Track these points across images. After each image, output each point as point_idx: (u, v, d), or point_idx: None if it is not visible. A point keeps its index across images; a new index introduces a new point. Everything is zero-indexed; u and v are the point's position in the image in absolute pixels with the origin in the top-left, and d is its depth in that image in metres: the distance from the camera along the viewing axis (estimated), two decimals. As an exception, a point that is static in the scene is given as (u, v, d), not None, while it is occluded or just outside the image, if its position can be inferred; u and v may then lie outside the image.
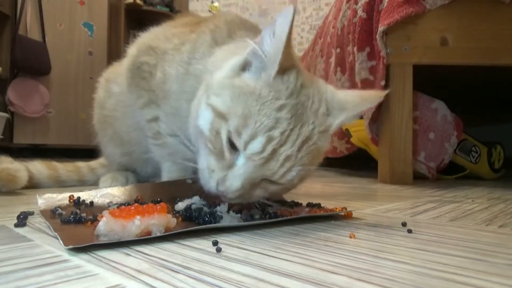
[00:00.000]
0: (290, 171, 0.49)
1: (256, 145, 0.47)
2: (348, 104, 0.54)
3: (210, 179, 0.51)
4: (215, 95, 0.51)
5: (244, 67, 0.52)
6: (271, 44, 0.49)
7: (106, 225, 0.41)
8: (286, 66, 0.50)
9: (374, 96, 0.56)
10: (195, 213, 0.51)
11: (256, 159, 0.47)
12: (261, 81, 0.50)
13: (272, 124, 0.47)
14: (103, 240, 0.40)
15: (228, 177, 0.48)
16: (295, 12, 0.48)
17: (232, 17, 0.74)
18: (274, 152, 0.47)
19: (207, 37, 0.70)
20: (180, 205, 0.55)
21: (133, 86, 0.80)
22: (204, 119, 0.52)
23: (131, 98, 0.82)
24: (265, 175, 0.49)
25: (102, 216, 0.42)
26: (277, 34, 0.48)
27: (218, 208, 0.51)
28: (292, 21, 0.47)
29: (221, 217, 0.49)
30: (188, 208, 0.53)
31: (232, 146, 0.49)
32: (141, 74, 0.78)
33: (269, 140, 0.47)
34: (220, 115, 0.49)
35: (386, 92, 0.57)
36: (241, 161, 0.48)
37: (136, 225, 0.41)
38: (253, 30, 0.72)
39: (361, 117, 1.31)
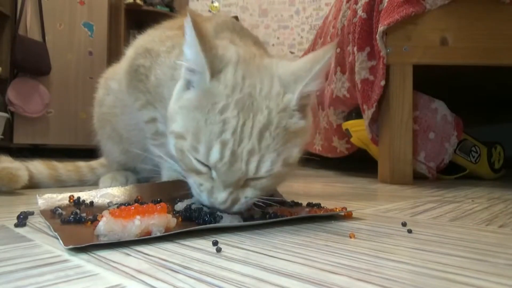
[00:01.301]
0: (263, 163, 0.48)
1: (214, 154, 0.47)
2: (301, 71, 0.52)
3: (201, 193, 0.51)
4: (172, 121, 0.53)
5: (188, 86, 0.53)
6: (192, 54, 0.51)
7: (106, 225, 0.41)
8: (219, 67, 0.51)
9: (324, 51, 0.51)
10: (195, 213, 0.51)
11: (220, 166, 0.47)
12: (200, 91, 0.51)
13: (220, 128, 0.47)
14: (103, 240, 0.40)
15: (213, 189, 0.49)
16: (193, 16, 0.49)
17: (224, 19, 0.75)
18: (233, 153, 0.47)
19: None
20: (180, 205, 0.55)
21: (131, 88, 0.81)
22: (171, 144, 0.54)
23: (130, 99, 0.83)
24: (238, 176, 0.48)
25: (102, 216, 0.42)
26: (190, 42, 0.50)
27: None
28: (195, 25, 0.48)
29: (221, 217, 0.49)
30: (188, 208, 0.53)
31: (201, 162, 0.50)
32: (138, 76, 0.78)
33: (224, 144, 0.47)
34: (180, 136, 0.51)
35: (334, 43, 0.54)
36: (214, 173, 0.49)
37: (136, 225, 0.41)
38: (241, 33, 0.72)
39: (361, 117, 1.31)
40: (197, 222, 0.48)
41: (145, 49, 0.78)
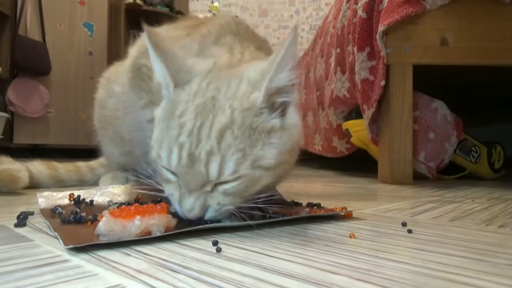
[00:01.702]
0: (224, 164, 0.45)
1: (173, 158, 0.47)
2: (266, 67, 0.49)
3: (174, 204, 0.50)
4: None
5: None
6: (157, 68, 0.52)
7: (106, 225, 0.41)
8: (184, 78, 0.51)
9: (283, 41, 0.47)
10: None
11: (180, 170, 0.47)
12: (166, 102, 0.52)
13: (177, 132, 0.47)
14: (103, 240, 0.40)
15: (181, 197, 0.48)
16: (149, 30, 0.50)
17: (227, 20, 0.74)
18: (191, 155, 0.46)
19: (194, 44, 0.70)
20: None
21: (134, 87, 0.81)
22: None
23: (133, 99, 0.83)
24: (201, 179, 0.46)
25: (102, 216, 0.42)
26: (152, 57, 0.51)
27: None
28: (150, 37, 0.50)
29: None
30: None
31: (168, 170, 0.49)
32: (140, 75, 0.78)
33: (180, 146, 0.46)
34: (152, 148, 0.52)
35: (295, 30, 0.47)
36: (179, 179, 0.48)
37: (136, 225, 0.41)
38: (245, 36, 0.71)
39: (361, 117, 1.31)
40: (193, 222, 0.48)
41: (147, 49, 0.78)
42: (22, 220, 0.50)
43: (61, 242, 0.39)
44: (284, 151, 0.50)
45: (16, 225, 0.49)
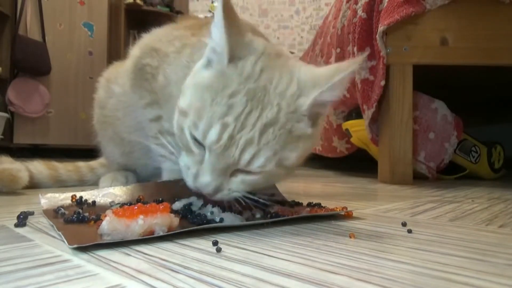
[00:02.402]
0: (257, 157, 0.47)
1: (212, 134, 0.47)
2: (322, 77, 0.50)
3: (187, 177, 0.51)
4: (182, 96, 0.53)
5: (208, 65, 0.53)
6: (217, 35, 0.50)
7: (109, 224, 0.41)
8: (240, 53, 0.50)
9: (349, 63, 0.49)
10: (188, 212, 0.51)
11: (215, 148, 0.47)
12: (215, 72, 0.50)
13: (224, 110, 0.47)
14: (106, 239, 0.40)
15: (199, 172, 0.49)
16: None
17: None
18: (231, 138, 0.46)
19: (205, 41, 0.69)
20: (178, 204, 0.55)
21: (136, 87, 0.80)
22: (174, 119, 0.54)
23: (134, 98, 0.82)
24: (229, 162, 0.47)
25: (105, 216, 0.42)
26: (217, 23, 0.49)
27: (214, 209, 0.51)
28: (224, 7, 0.47)
29: (222, 218, 0.49)
30: (185, 208, 0.53)
31: (197, 141, 0.49)
32: (144, 75, 0.78)
33: (224, 126, 0.46)
34: (183, 113, 0.51)
35: (363, 57, 0.51)
36: (207, 154, 0.48)
37: (139, 224, 0.41)
38: (251, 32, 0.71)
39: (361, 117, 1.31)
40: (193, 222, 0.48)
41: (151, 48, 0.77)
42: (22, 220, 0.50)
43: (65, 241, 0.39)
44: (303, 155, 0.53)
45: (16, 225, 0.49)
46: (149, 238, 0.42)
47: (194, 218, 0.49)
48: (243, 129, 0.47)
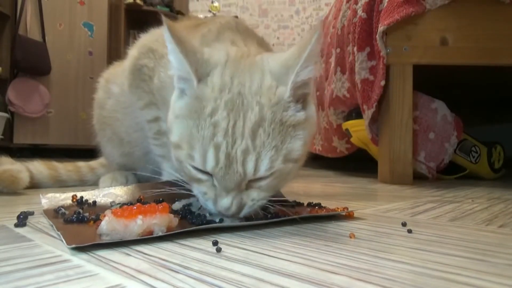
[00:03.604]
0: (260, 161, 0.46)
1: (209, 160, 0.46)
2: (290, 61, 0.49)
3: (207, 202, 0.50)
4: (170, 132, 0.53)
5: (182, 95, 0.52)
6: (176, 61, 0.50)
7: (108, 224, 0.41)
8: (205, 70, 0.50)
9: (308, 36, 0.48)
10: (188, 212, 0.51)
11: (218, 172, 0.46)
12: (189, 98, 0.50)
13: (212, 132, 0.46)
14: (105, 239, 0.40)
15: (216, 197, 0.48)
16: (168, 23, 0.47)
17: (227, 20, 0.74)
18: (228, 155, 0.46)
19: (196, 44, 0.69)
20: (178, 205, 0.55)
21: (133, 87, 0.80)
22: (172, 156, 0.54)
23: (132, 99, 0.82)
24: (238, 179, 0.47)
25: (104, 216, 0.42)
26: (172, 50, 0.49)
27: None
28: (172, 31, 0.47)
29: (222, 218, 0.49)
30: (186, 208, 0.53)
31: (200, 170, 0.49)
32: (141, 76, 0.78)
33: (217, 147, 0.46)
34: (177, 147, 0.50)
35: (318, 25, 0.49)
36: (214, 179, 0.48)
37: (138, 224, 0.41)
38: (245, 33, 0.70)
39: (361, 117, 1.31)
40: (192, 222, 0.48)
41: (148, 49, 0.77)
42: (22, 220, 0.50)
43: (64, 242, 0.39)
44: (307, 142, 0.51)
45: (16, 225, 0.49)
46: (149, 238, 0.42)
47: (194, 218, 0.49)
48: (235, 142, 0.46)
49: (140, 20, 3.15)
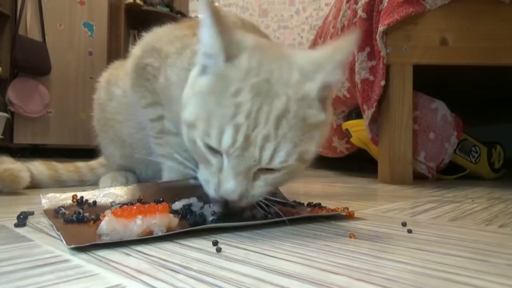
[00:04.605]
0: (277, 152, 0.46)
1: (226, 137, 0.45)
2: (322, 59, 0.48)
3: (209, 190, 0.50)
4: (184, 109, 0.52)
5: (204, 71, 0.51)
6: (207, 38, 0.49)
7: (108, 224, 0.41)
8: (234, 52, 0.48)
9: (347, 40, 0.48)
10: (188, 212, 0.51)
11: (233, 152, 0.45)
12: (213, 76, 0.48)
13: (233, 111, 0.45)
14: (105, 239, 0.40)
15: (221, 181, 0.47)
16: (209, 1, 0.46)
17: (232, 19, 0.73)
18: (247, 137, 0.45)
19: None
20: (178, 204, 0.55)
21: (136, 86, 0.80)
22: (184, 134, 0.53)
23: (134, 97, 0.82)
24: (250, 163, 0.46)
25: (104, 216, 0.42)
26: (206, 25, 0.47)
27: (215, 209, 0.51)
28: (210, 8, 0.46)
29: (221, 218, 0.49)
30: (185, 208, 0.53)
31: (212, 149, 0.48)
32: (145, 75, 0.77)
33: (237, 127, 0.45)
34: (191, 126, 0.50)
35: (356, 34, 0.48)
36: (225, 161, 0.47)
37: (138, 224, 0.41)
38: (252, 31, 0.71)
39: (361, 117, 1.31)
40: (191, 223, 0.48)
41: (152, 48, 0.76)
42: (22, 220, 0.50)
43: (64, 242, 0.39)
44: (319, 145, 0.50)
45: (16, 225, 0.49)
46: (149, 238, 0.42)
47: (194, 218, 0.49)
48: (257, 126, 0.45)
49: (140, 20, 3.15)
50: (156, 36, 0.80)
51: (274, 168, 0.47)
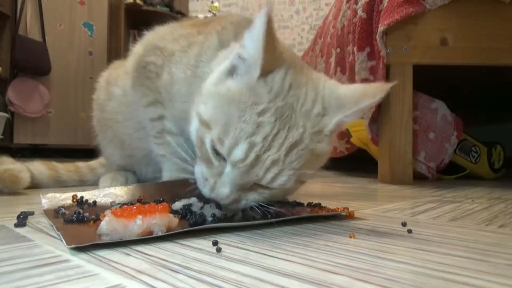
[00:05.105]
0: (280, 176, 0.48)
1: (238, 152, 0.46)
2: (347, 99, 0.50)
3: (204, 187, 0.51)
4: (203, 103, 0.52)
5: (232, 71, 0.51)
6: (251, 46, 0.48)
7: (108, 224, 0.41)
8: (271, 67, 0.49)
9: (376, 89, 0.50)
10: (188, 212, 0.51)
11: (240, 166, 0.47)
12: (243, 86, 0.49)
13: (253, 129, 0.46)
14: (105, 239, 0.40)
15: (217, 184, 0.49)
16: (270, 11, 0.45)
17: (237, 18, 0.73)
18: (258, 158, 0.46)
19: (214, 39, 0.68)
20: (178, 204, 0.55)
21: (137, 84, 0.79)
22: (192, 126, 0.54)
23: (135, 96, 0.81)
24: (252, 180, 0.48)
25: (104, 216, 0.42)
26: (255, 35, 0.47)
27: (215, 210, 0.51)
28: (268, 20, 0.45)
29: (221, 218, 0.49)
30: (186, 208, 0.53)
31: (218, 154, 0.49)
32: (146, 73, 0.77)
33: (251, 146, 0.46)
34: (204, 123, 0.50)
35: (390, 85, 0.50)
36: (227, 168, 0.48)
37: (137, 224, 0.41)
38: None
39: (361, 117, 1.31)
40: (191, 223, 0.48)
41: (155, 47, 0.76)
42: (22, 220, 0.50)
43: (64, 242, 0.39)
44: (317, 169, 0.54)
45: (16, 225, 0.49)
46: (149, 238, 0.42)
47: (194, 218, 0.49)
48: (270, 149, 0.46)
49: (140, 20, 3.15)
50: (158, 35, 0.80)
51: (272, 187, 0.49)
